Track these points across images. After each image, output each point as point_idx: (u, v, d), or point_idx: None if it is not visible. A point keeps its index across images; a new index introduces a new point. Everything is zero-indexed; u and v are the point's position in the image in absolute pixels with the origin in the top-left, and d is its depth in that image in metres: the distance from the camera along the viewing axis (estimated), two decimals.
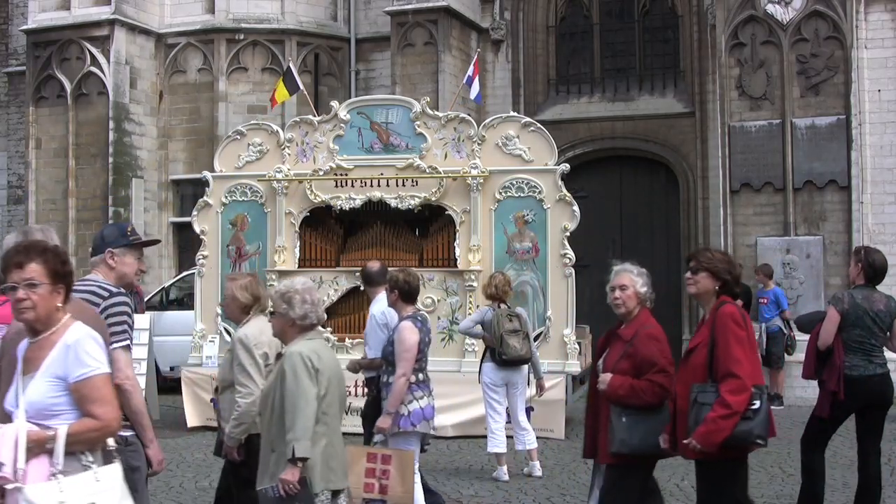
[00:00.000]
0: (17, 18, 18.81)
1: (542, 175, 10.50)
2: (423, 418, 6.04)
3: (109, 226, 4.56)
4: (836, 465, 8.66)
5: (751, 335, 4.55)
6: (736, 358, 4.40)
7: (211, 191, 11.40)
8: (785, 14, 12.80)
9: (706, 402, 4.38)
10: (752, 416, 4.37)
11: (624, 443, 4.73)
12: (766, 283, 12.31)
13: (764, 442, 4.45)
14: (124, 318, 4.09)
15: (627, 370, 4.78)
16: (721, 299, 4.63)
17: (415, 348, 5.96)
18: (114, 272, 4.28)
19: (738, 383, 4.35)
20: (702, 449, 4.37)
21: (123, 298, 4.15)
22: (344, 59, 17.10)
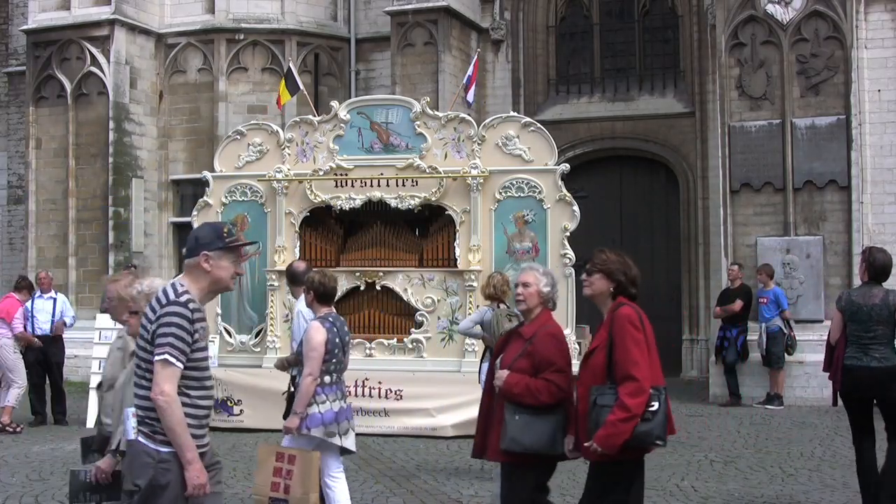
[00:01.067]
0: (17, 18, 18.81)
1: (542, 175, 10.51)
2: (320, 423, 5.83)
3: (204, 226, 4.19)
4: (837, 465, 8.67)
5: (649, 336, 4.54)
6: (633, 360, 4.40)
7: (211, 191, 11.40)
8: (785, 14, 12.80)
9: (605, 404, 4.39)
10: (651, 418, 4.39)
11: (515, 441, 4.71)
12: (767, 283, 12.31)
13: (663, 442, 4.46)
14: (171, 330, 3.83)
15: (525, 368, 4.78)
16: (618, 301, 4.61)
17: (321, 348, 5.82)
18: (208, 276, 3.99)
19: (636, 386, 4.36)
20: (602, 452, 4.38)
21: (177, 309, 3.87)
22: (344, 59, 17.10)
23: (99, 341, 11.44)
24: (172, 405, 3.80)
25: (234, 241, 4.06)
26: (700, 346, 15.39)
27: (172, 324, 3.84)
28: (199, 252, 3.99)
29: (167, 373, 3.81)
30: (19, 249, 18.11)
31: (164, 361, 3.81)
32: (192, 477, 3.83)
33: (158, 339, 3.83)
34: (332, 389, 5.89)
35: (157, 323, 3.87)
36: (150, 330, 3.89)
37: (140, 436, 3.90)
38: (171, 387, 3.80)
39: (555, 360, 4.78)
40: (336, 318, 6.05)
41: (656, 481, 8.01)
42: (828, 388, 12.25)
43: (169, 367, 3.81)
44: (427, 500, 7.50)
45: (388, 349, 10.76)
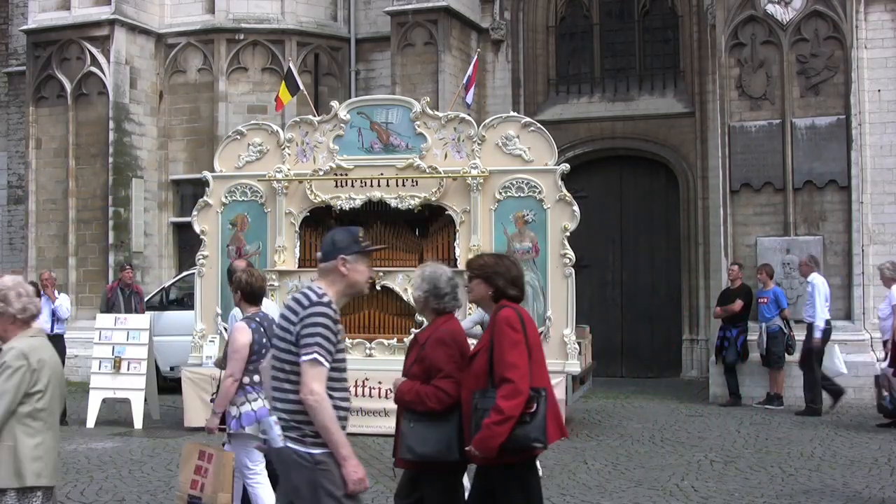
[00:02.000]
0: (17, 18, 18.81)
1: (542, 175, 10.50)
2: (254, 420, 5.85)
3: (339, 230, 4.24)
4: (837, 464, 8.67)
5: (531, 337, 4.49)
6: (510, 363, 4.37)
7: (211, 191, 11.40)
8: (785, 14, 12.80)
9: (486, 407, 4.36)
10: (530, 420, 4.37)
11: (411, 449, 4.66)
12: (767, 283, 12.31)
13: (542, 444, 4.43)
14: (318, 331, 3.83)
15: (418, 375, 4.73)
16: (501, 303, 4.58)
17: (244, 349, 5.82)
18: (345, 280, 4.02)
19: (511, 388, 4.33)
20: (481, 455, 4.36)
21: (322, 309, 3.88)
22: (344, 59, 17.11)
23: (99, 341, 11.45)
24: (323, 404, 3.78)
25: (368, 246, 4.12)
26: (700, 346, 15.39)
27: (319, 324, 3.85)
28: (336, 256, 4.03)
29: (316, 372, 3.80)
30: (19, 249, 18.11)
31: (312, 361, 3.80)
32: (349, 473, 3.80)
33: (305, 340, 3.82)
34: (259, 388, 5.88)
35: (301, 324, 3.86)
36: (294, 332, 3.87)
37: (288, 441, 3.86)
38: (320, 386, 3.79)
39: (442, 366, 4.66)
40: (264, 318, 6.02)
41: (656, 481, 8.02)
42: None
43: (317, 366, 3.80)
44: None
45: (388, 349, 10.76)
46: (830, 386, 11.74)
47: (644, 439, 10.07)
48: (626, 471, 8.49)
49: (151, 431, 10.83)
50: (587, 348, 11.41)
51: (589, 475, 8.35)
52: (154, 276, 16.34)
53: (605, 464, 8.79)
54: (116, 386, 11.25)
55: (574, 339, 10.43)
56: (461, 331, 4.90)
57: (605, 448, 9.58)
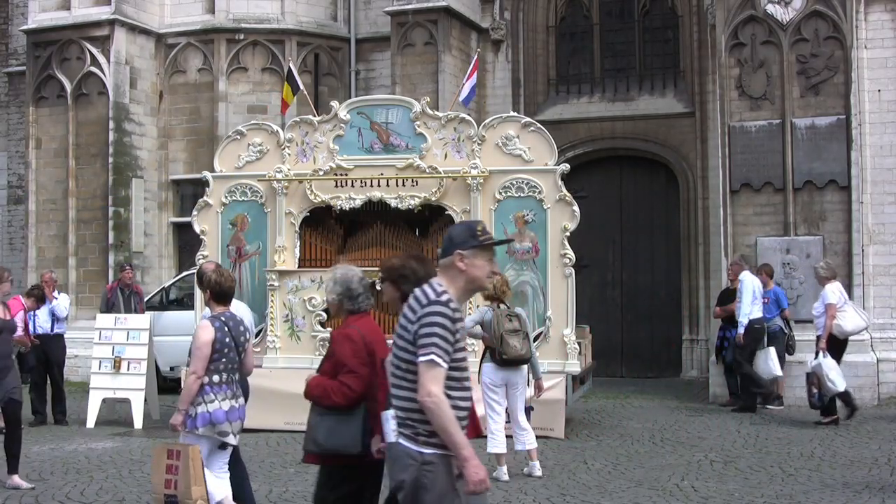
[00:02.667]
0: (17, 18, 18.81)
1: (542, 175, 10.50)
2: (208, 421, 5.84)
3: (458, 225, 4.17)
4: (837, 465, 8.67)
5: None
6: None
7: (211, 191, 11.40)
8: (785, 14, 12.80)
9: None
10: None
11: (315, 442, 4.75)
12: (767, 283, 12.31)
13: None
14: (435, 330, 3.77)
15: (328, 370, 4.81)
16: None
17: (206, 347, 5.82)
18: (464, 276, 3.93)
19: None
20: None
21: (440, 308, 3.81)
22: (344, 59, 17.11)
23: (99, 341, 11.46)
24: (441, 406, 3.72)
25: (487, 239, 4.02)
26: (700, 346, 15.39)
27: (436, 324, 3.78)
28: (452, 251, 3.96)
29: (433, 374, 3.74)
30: (19, 249, 18.11)
31: (429, 362, 3.74)
32: (471, 473, 3.74)
33: (422, 340, 3.77)
34: (223, 388, 5.88)
35: (418, 323, 3.81)
36: (412, 331, 3.83)
37: (401, 438, 3.86)
38: (438, 388, 3.73)
39: (346, 361, 4.76)
40: (230, 318, 6.02)
41: (656, 481, 8.01)
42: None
43: (435, 367, 3.74)
44: None
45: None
46: (758, 388, 11.88)
47: (644, 439, 10.07)
48: (626, 471, 8.49)
49: (151, 431, 10.82)
50: (587, 348, 11.40)
51: (589, 475, 8.35)
52: (154, 276, 16.34)
53: (605, 464, 8.79)
54: (116, 386, 11.25)
55: (574, 339, 10.43)
56: (374, 329, 4.98)
57: (605, 448, 9.58)
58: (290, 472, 8.53)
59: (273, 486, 7.93)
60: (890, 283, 13.10)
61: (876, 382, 12.46)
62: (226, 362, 5.90)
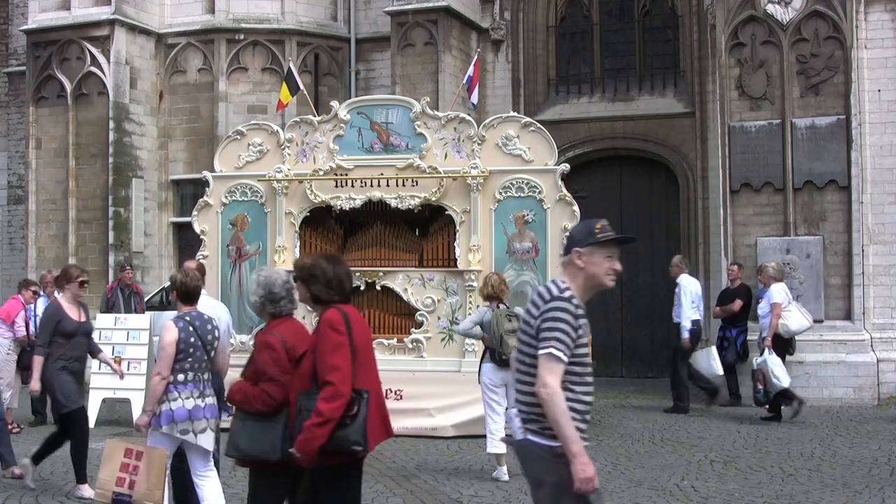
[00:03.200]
0: (17, 18, 18.81)
1: (542, 175, 10.50)
2: (171, 420, 5.86)
3: (579, 224, 4.18)
4: (837, 465, 8.67)
5: (357, 339, 4.48)
6: (332, 365, 4.37)
7: (211, 191, 11.40)
8: (785, 14, 12.80)
9: (308, 409, 4.37)
10: (350, 423, 4.37)
11: (237, 447, 4.75)
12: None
13: (362, 448, 4.42)
14: (557, 325, 3.81)
15: (251, 376, 4.81)
16: (327, 305, 4.57)
17: (170, 347, 5.85)
18: (582, 273, 3.98)
19: (332, 390, 4.33)
20: (303, 457, 4.36)
21: (562, 304, 3.86)
22: (344, 59, 17.11)
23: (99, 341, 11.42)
24: (555, 397, 3.74)
25: (606, 236, 4.04)
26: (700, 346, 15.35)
27: (558, 318, 3.82)
28: (571, 249, 4.01)
29: (551, 366, 3.77)
30: (19, 249, 18.12)
31: (548, 355, 3.78)
32: (578, 470, 3.72)
33: (543, 334, 3.81)
34: (188, 387, 5.88)
35: (541, 318, 3.84)
36: (535, 325, 3.86)
37: (529, 434, 3.87)
38: (554, 380, 3.76)
39: (266, 369, 4.77)
40: (196, 318, 6.03)
41: (656, 481, 8.02)
42: (827, 388, 12.37)
43: (553, 360, 3.77)
44: (427, 500, 7.50)
45: (388, 349, 10.76)
46: (706, 385, 11.99)
47: (644, 439, 10.07)
48: (626, 471, 8.49)
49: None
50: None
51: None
52: (154, 276, 16.34)
53: (605, 464, 8.79)
54: (116, 386, 11.24)
55: None
56: (297, 331, 4.97)
57: (605, 448, 9.58)
58: None
59: None
60: (890, 283, 13.10)
61: (876, 382, 12.46)
62: (192, 361, 5.92)
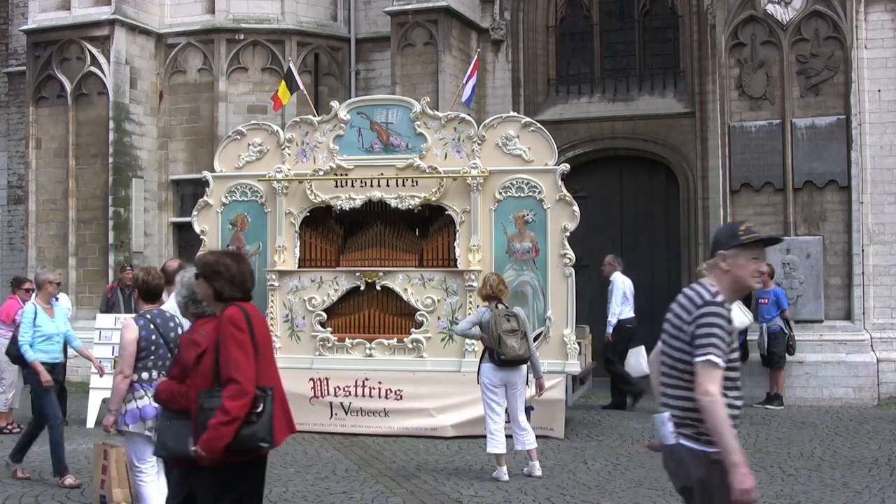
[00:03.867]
0: (17, 18, 18.81)
1: (542, 175, 10.50)
2: (138, 418, 5.89)
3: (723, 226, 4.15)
4: (837, 465, 8.67)
5: (259, 337, 4.47)
6: (235, 362, 4.35)
7: (211, 191, 11.41)
8: (785, 14, 12.80)
9: (211, 407, 4.35)
10: (256, 420, 4.36)
11: (164, 446, 4.72)
12: (767, 283, 12.32)
13: (269, 444, 4.41)
14: (713, 331, 3.79)
15: (176, 375, 4.78)
16: (228, 302, 4.56)
17: (130, 346, 5.85)
18: (727, 276, 3.95)
19: (237, 388, 4.32)
20: (207, 456, 4.34)
21: (715, 309, 3.84)
22: (344, 59, 17.10)
23: (99, 341, 11.45)
24: (716, 406, 3.73)
25: (750, 238, 3.97)
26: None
27: (714, 324, 3.81)
28: (715, 252, 4.00)
29: (711, 373, 3.75)
30: (19, 249, 18.12)
31: (707, 362, 3.75)
32: (738, 481, 3.68)
33: (700, 340, 3.79)
34: (153, 385, 5.86)
35: (695, 324, 3.84)
36: (688, 331, 3.86)
37: (681, 439, 3.86)
38: (715, 387, 3.74)
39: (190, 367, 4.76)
40: (157, 315, 6.03)
41: (656, 481, 8.01)
42: (827, 388, 12.37)
43: (713, 367, 3.75)
44: (427, 500, 7.50)
45: (388, 349, 10.76)
46: (628, 387, 12.08)
47: (644, 439, 10.07)
48: (626, 471, 8.50)
49: None
50: (587, 348, 11.41)
51: (589, 475, 8.35)
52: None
53: (605, 464, 8.79)
54: None
55: (574, 339, 10.43)
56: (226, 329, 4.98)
57: (605, 448, 9.59)
58: (290, 472, 8.53)
59: (273, 486, 7.92)
60: (890, 283, 13.11)
61: (876, 382, 12.47)
62: (154, 359, 5.94)
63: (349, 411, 10.49)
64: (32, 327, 8.38)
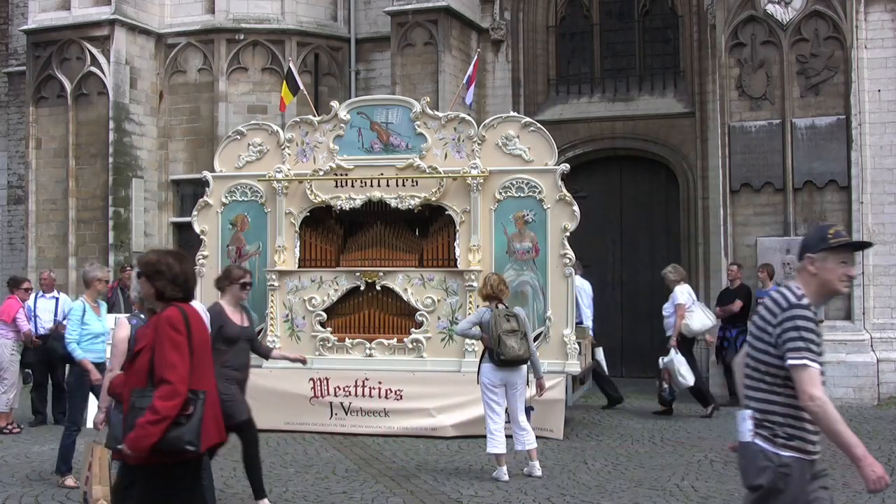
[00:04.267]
0: (17, 18, 18.81)
1: (542, 175, 10.51)
2: None
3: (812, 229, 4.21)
4: (836, 465, 8.65)
5: (196, 338, 4.48)
6: (170, 363, 4.36)
7: (211, 191, 11.41)
8: (785, 14, 12.80)
9: (142, 406, 4.35)
10: (185, 422, 4.36)
11: (116, 439, 4.78)
12: (766, 283, 12.33)
13: (195, 448, 4.40)
14: (803, 334, 3.79)
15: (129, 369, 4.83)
16: (168, 302, 4.56)
17: (122, 344, 5.85)
18: (815, 279, 3.93)
19: (169, 389, 4.32)
20: (133, 455, 4.34)
21: (802, 312, 3.83)
22: (344, 59, 17.11)
23: None
24: (826, 407, 3.76)
25: (839, 241, 3.96)
26: (700, 346, 15.37)
27: (802, 327, 3.81)
28: (803, 255, 3.99)
29: (810, 377, 3.76)
30: (19, 249, 18.11)
31: (804, 366, 3.77)
32: (868, 472, 3.74)
33: (790, 344, 3.79)
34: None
35: (781, 327, 3.84)
36: (773, 333, 3.87)
37: (757, 438, 3.91)
38: (819, 390, 3.76)
39: None
40: (147, 315, 5.98)
41: (656, 481, 8.02)
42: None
43: (811, 370, 3.77)
44: (427, 500, 7.50)
45: (388, 349, 10.77)
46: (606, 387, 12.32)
47: (644, 439, 10.07)
48: (626, 471, 8.50)
49: None
50: (587, 348, 11.41)
51: (589, 475, 8.35)
52: None
53: (605, 464, 8.80)
54: None
55: (574, 339, 10.43)
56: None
57: (605, 448, 9.59)
58: (290, 472, 8.53)
59: (273, 486, 7.93)
60: (890, 283, 13.11)
61: (876, 382, 12.47)
62: None
63: (349, 411, 10.49)
64: (81, 325, 8.12)
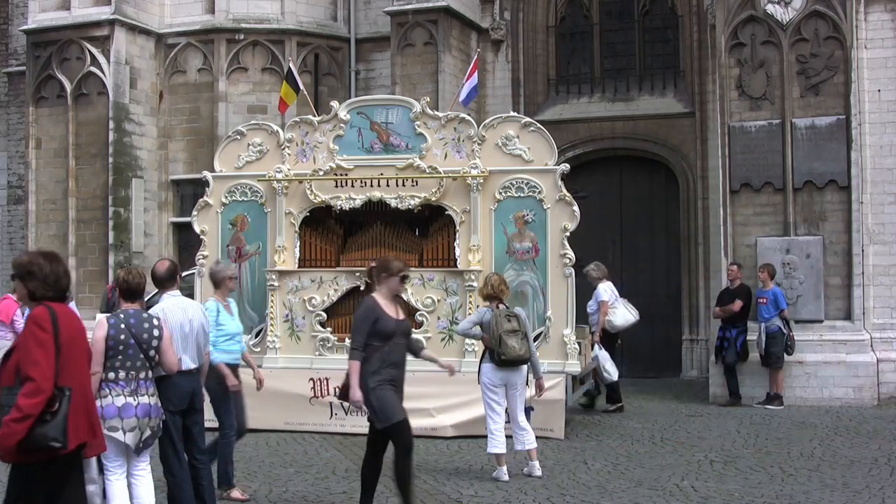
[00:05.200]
0: (17, 18, 18.81)
1: (542, 175, 10.50)
2: (100, 418, 5.70)
3: None
4: (837, 465, 8.67)
5: (64, 336, 4.49)
6: (34, 360, 4.38)
7: (211, 191, 11.40)
8: (785, 14, 12.79)
9: (10, 404, 4.37)
10: (50, 419, 4.37)
11: None
12: (766, 283, 12.32)
13: (61, 444, 4.40)
14: None
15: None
16: (39, 302, 4.57)
17: (98, 344, 5.81)
18: None
19: (33, 386, 4.34)
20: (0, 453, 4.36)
21: None
22: (344, 59, 17.11)
23: None
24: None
25: None
26: (700, 346, 15.38)
27: None
28: None
29: None
30: (19, 249, 18.10)
31: None
32: None
33: None
34: (120, 385, 5.82)
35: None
36: None
37: None
38: None
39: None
40: (132, 315, 5.96)
41: (656, 481, 8.02)
42: (827, 388, 12.38)
43: None
44: (427, 500, 7.50)
45: None
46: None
47: (644, 439, 10.08)
48: (626, 471, 8.50)
49: None
50: (587, 348, 11.41)
51: (589, 475, 8.35)
52: None
53: (605, 464, 8.79)
54: None
55: (574, 340, 10.43)
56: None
57: (605, 448, 9.59)
58: (290, 472, 8.53)
59: (273, 486, 7.93)
60: (890, 283, 13.10)
61: (876, 382, 12.46)
62: (122, 360, 5.84)
63: (349, 411, 10.47)
64: (216, 326, 7.52)
